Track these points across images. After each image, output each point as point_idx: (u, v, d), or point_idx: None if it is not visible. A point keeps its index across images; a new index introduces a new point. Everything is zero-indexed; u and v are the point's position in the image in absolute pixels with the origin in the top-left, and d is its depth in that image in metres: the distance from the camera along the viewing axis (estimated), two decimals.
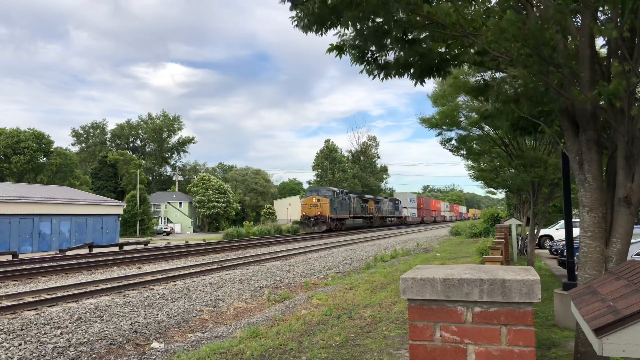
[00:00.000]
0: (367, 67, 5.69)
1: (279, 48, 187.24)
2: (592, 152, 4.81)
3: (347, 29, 5.24)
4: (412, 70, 5.69)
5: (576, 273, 7.06)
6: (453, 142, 16.42)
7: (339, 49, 5.45)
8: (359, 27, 5.14)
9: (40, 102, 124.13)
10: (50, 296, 10.70)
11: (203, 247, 25.52)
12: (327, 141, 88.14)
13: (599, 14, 4.90)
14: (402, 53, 5.51)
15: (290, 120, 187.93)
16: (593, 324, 2.07)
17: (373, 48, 5.54)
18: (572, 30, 4.58)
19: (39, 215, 30.39)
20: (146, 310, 9.53)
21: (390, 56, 5.66)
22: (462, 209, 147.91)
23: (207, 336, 7.68)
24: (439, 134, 15.91)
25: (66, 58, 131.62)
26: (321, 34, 5.27)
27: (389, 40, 5.33)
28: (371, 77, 5.74)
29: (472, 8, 4.92)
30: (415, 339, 1.89)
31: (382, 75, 5.72)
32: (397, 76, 5.71)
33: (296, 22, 5.15)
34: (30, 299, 10.52)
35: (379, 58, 5.67)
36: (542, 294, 1.84)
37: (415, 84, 5.78)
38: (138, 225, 55.01)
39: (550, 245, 19.37)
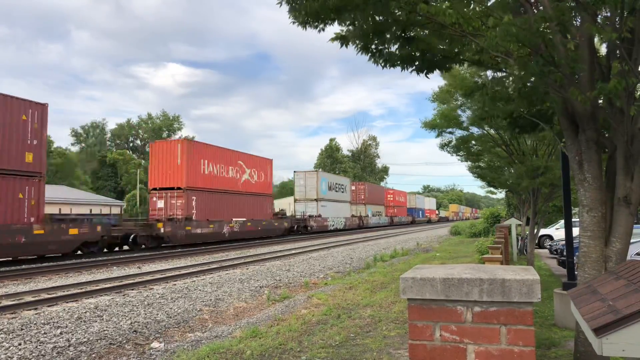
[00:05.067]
0: (372, 58, 5.66)
1: (280, 48, 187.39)
2: (591, 152, 4.81)
3: (346, 25, 5.21)
4: (416, 64, 5.67)
5: (576, 273, 7.07)
6: (452, 143, 16.38)
7: (343, 38, 5.40)
8: (358, 24, 5.13)
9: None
10: (50, 296, 10.70)
11: (203, 247, 25.53)
12: (331, 140, 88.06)
13: (600, 14, 4.90)
14: (403, 48, 5.49)
15: (291, 120, 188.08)
16: (593, 324, 2.07)
17: (376, 41, 5.52)
18: (571, 31, 4.58)
19: None
20: (146, 309, 9.53)
21: (394, 48, 5.64)
22: (427, 202, 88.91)
23: (207, 336, 7.69)
24: (439, 134, 15.88)
25: (67, 58, 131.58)
26: (319, 31, 5.25)
27: (389, 35, 5.31)
28: (377, 65, 5.69)
29: (471, 7, 4.92)
30: (415, 339, 1.90)
31: (386, 64, 5.67)
32: (401, 67, 5.68)
33: (293, 19, 5.13)
34: (30, 298, 10.52)
35: (382, 50, 5.64)
36: (541, 294, 1.84)
37: (419, 73, 5.72)
38: None
39: (550, 245, 19.37)
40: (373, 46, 5.54)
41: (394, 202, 66.89)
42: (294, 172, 44.28)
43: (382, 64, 5.66)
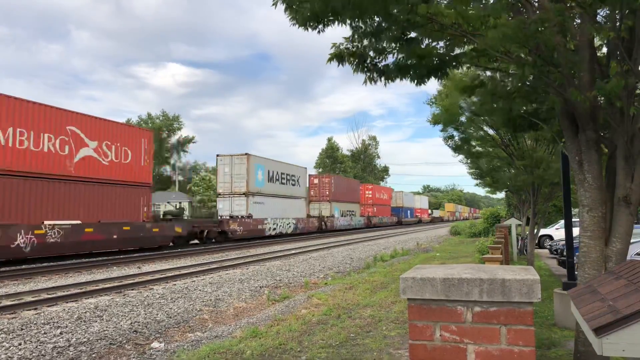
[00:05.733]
0: (368, 74, 5.67)
1: (280, 48, 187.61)
2: (591, 152, 4.81)
3: (345, 25, 5.21)
4: (411, 72, 5.67)
5: (576, 273, 7.07)
6: (456, 139, 16.40)
7: (339, 57, 5.42)
8: (356, 24, 5.13)
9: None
10: (50, 296, 10.70)
11: (203, 247, 25.52)
12: (329, 139, 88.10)
13: (600, 13, 4.90)
14: (400, 55, 5.49)
15: (291, 120, 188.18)
16: (593, 324, 2.07)
17: (372, 53, 5.52)
18: (571, 31, 4.58)
19: None
20: (146, 309, 9.53)
21: (390, 59, 5.65)
22: (417, 201, 75.66)
23: (207, 336, 7.69)
24: (444, 129, 15.92)
25: (67, 58, 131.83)
26: (319, 32, 5.25)
27: (387, 40, 5.31)
28: (373, 83, 5.71)
29: (471, 5, 4.91)
30: (415, 339, 1.90)
31: (382, 80, 5.69)
32: (398, 80, 5.69)
33: (293, 21, 5.12)
34: (30, 298, 10.52)
35: (378, 63, 5.64)
36: (542, 294, 1.84)
37: (417, 84, 5.75)
38: None
39: (550, 245, 19.37)
40: (368, 60, 5.53)
41: (373, 199, 55.49)
42: (217, 155, 32.23)
43: (378, 79, 5.63)
